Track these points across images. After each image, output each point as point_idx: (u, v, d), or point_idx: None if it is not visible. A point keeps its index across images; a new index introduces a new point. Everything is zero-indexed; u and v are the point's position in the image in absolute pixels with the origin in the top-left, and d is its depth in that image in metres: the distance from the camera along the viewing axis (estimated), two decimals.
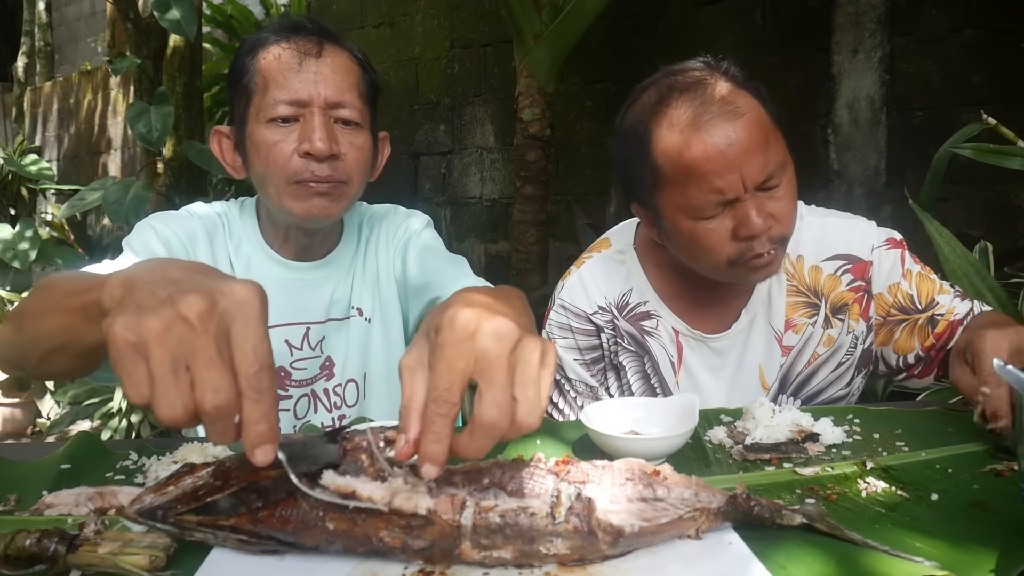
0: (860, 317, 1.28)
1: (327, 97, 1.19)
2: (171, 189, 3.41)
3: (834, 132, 2.85)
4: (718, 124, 1.10)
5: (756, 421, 0.99)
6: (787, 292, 1.29)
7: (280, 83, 1.19)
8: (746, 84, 1.16)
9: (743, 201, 1.11)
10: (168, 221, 1.30)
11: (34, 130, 8.44)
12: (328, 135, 1.18)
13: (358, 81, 1.25)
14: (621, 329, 1.32)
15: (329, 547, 0.69)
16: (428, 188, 4.65)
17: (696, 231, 1.15)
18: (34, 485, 0.89)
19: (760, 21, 3.05)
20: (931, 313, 1.26)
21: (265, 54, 1.22)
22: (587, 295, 1.32)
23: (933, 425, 1.02)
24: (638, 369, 1.33)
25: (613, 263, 1.34)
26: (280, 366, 1.31)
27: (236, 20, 4.53)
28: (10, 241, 3.57)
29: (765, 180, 1.11)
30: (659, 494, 0.71)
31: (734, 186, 1.10)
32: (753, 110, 1.13)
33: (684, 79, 1.15)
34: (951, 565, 0.66)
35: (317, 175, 1.19)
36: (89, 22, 8.86)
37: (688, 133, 1.11)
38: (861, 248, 1.28)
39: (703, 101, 1.12)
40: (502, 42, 4.02)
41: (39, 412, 4.49)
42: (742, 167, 1.09)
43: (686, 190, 1.13)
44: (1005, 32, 2.50)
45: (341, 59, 1.23)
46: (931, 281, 1.29)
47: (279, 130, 1.19)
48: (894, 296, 1.28)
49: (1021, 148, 1.71)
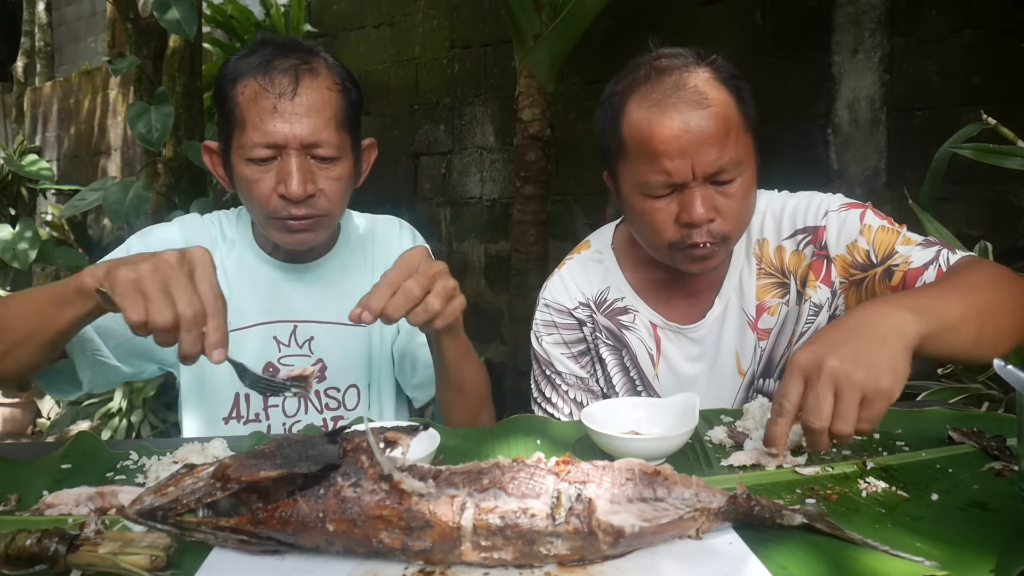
0: (821, 283, 1.26)
1: (302, 139, 1.21)
2: (171, 189, 3.41)
3: (834, 132, 2.85)
4: (681, 109, 1.13)
5: (756, 421, 0.99)
6: (757, 275, 1.31)
7: (256, 125, 1.20)
8: (728, 81, 1.18)
9: (691, 188, 1.14)
10: (149, 236, 1.34)
11: (34, 130, 8.43)
12: (303, 178, 1.21)
13: (335, 112, 1.25)
14: (600, 324, 1.36)
15: (329, 548, 0.69)
16: (428, 188, 4.65)
17: (645, 208, 1.19)
18: (34, 485, 0.89)
19: (760, 21, 3.04)
20: (887, 264, 1.20)
21: (243, 88, 1.22)
22: (568, 293, 1.37)
23: (933, 425, 1.02)
24: (617, 363, 1.36)
25: (591, 263, 1.39)
26: (268, 361, 1.34)
27: (236, 20, 4.52)
28: (10, 241, 3.57)
29: (716, 173, 1.14)
30: (659, 494, 0.71)
31: (682, 171, 1.13)
32: (722, 105, 1.14)
33: (668, 62, 1.18)
34: (951, 565, 0.66)
35: (295, 214, 1.23)
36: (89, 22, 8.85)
37: (653, 112, 1.14)
38: (815, 217, 1.27)
39: (675, 85, 1.14)
40: (502, 42, 4.01)
41: (39, 412, 4.49)
42: (694, 155, 1.12)
43: (640, 166, 1.16)
44: (1005, 32, 2.49)
45: (317, 94, 1.22)
46: (893, 233, 1.22)
47: (257, 168, 1.22)
48: (852, 255, 1.24)
49: (1021, 148, 1.71)
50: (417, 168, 4.70)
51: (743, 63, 1.21)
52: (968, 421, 1.02)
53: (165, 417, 3.51)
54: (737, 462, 0.92)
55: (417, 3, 4.54)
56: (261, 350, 1.33)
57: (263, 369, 1.33)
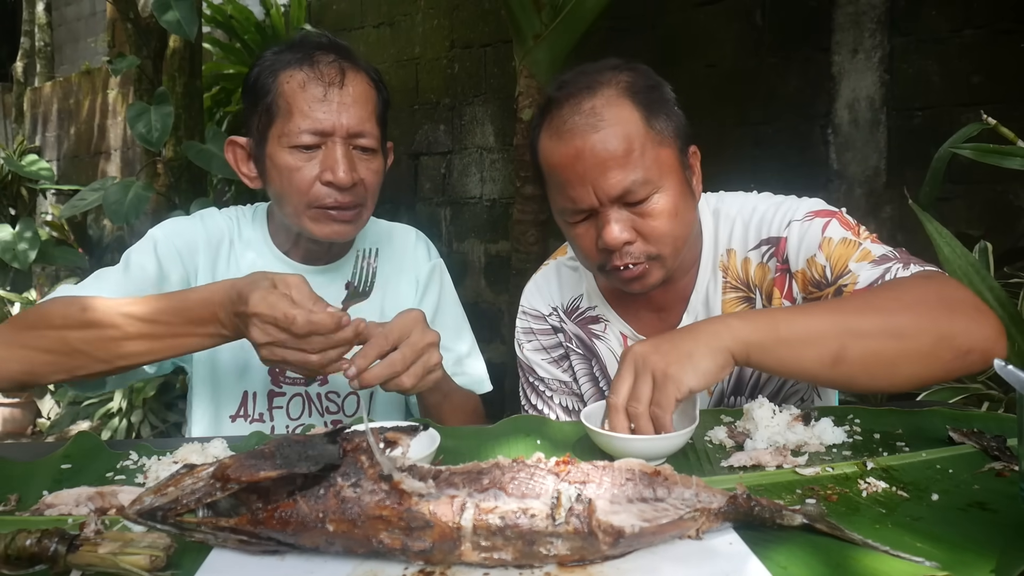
0: (784, 299, 1.19)
1: (349, 127, 1.23)
2: (171, 189, 3.41)
3: (834, 132, 2.85)
4: (576, 134, 1.10)
5: (756, 422, 0.99)
6: (723, 290, 1.25)
7: (304, 112, 1.22)
8: (637, 95, 1.12)
9: (602, 212, 1.11)
10: (173, 233, 1.33)
11: (34, 130, 8.43)
12: (349, 165, 1.23)
13: (375, 107, 1.28)
14: (570, 332, 1.35)
15: (329, 548, 0.69)
16: (428, 188, 4.65)
17: (570, 234, 1.18)
18: (34, 485, 0.89)
19: (760, 21, 3.05)
20: (838, 284, 1.11)
21: (288, 78, 1.23)
22: (542, 298, 1.37)
23: (933, 425, 1.02)
24: (586, 372, 1.35)
25: (565, 269, 1.38)
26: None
27: (236, 20, 4.52)
28: (10, 241, 3.56)
29: (622, 195, 1.10)
30: (659, 494, 0.71)
31: (586, 197, 1.10)
32: (622, 123, 1.10)
33: (574, 85, 1.14)
34: (951, 565, 0.66)
35: (339, 202, 1.24)
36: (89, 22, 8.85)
37: (554, 140, 1.13)
38: (779, 227, 1.19)
39: (571, 111, 1.11)
40: (502, 42, 4.01)
41: (39, 412, 4.49)
42: (595, 180, 1.09)
43: (555, 195, 1.16)
44: (1005, 32, 2.49)
45: (361, 87, 1.26)
46: (853, 246, 1.12)
47: (301, 156, 1.23)
48: (811, 270, 1.14)
49: (1021, 148, 1.71)
50: (417, 168, 4.70)
51: (743, 63, 1.20)
52: (968, 421, 1.01)
53: (165, 417, 3.51)
54: (737, 462, 0.91)
55: (417, 3, 4.54)
56: None
57: (269, 369, 1.33)
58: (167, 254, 1.30)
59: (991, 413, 1.06)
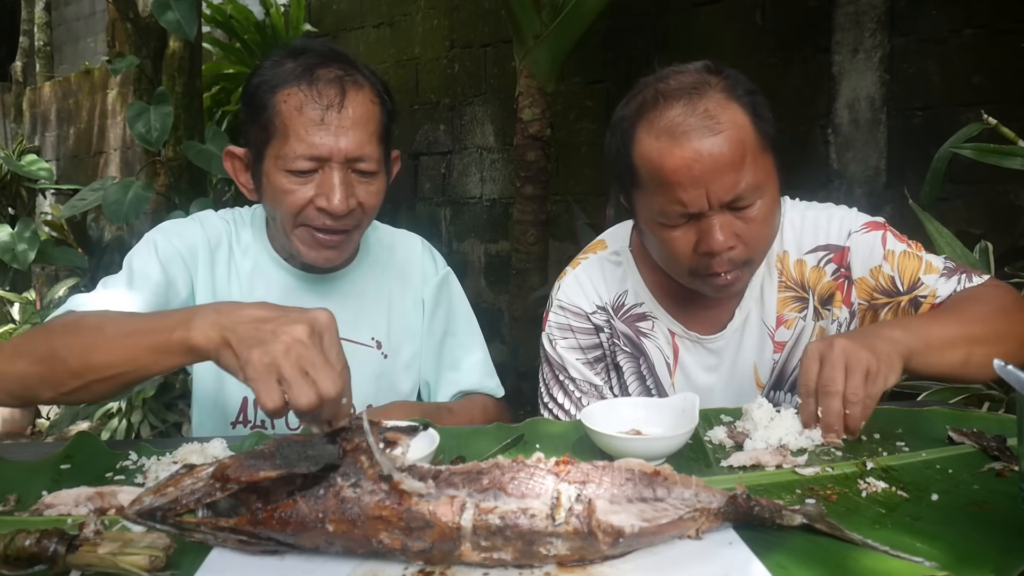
0: (843, 303, 1.27)
1: (348, 153, 1.18)
2: (171, 189, 3.41)
3: (834, 132, 2.85)
4: (692, 137, 1.08)
5: (755, 422, 0.99)
6: (778, 288, 1.29)
7: (300, 136, 1.16)
8: (742, 97, 1.12)
9: (708, 217, 1.11)
10: (172, 235, 1.31)
11: (34, 130, 8.43)
12: (346, 192, 1.18)
13: (377, 126, 1.22)
14: (617, 330, 1.32)
15: (329, 548, 0.69)
16: (428, 188, 4.65)
17: (663, 237, 1.16)
18: (34, 485, 0.89)
19: (760, 21, 3.04)
20: (914, 295, 1.23)
21: (286, 96, 1.18)
22: (585, 295, 1.33)
23: (933, 425, 1.02)
24: (634, 370, 1.33)
25: (609, 264, 1.35)
26: None
27: (236, 20, 4.52)
28: (9, 242, 3.56)
29: (733, 200, 1.10)
30: (659, 494, 0.71)
31: (698, 201, 1.09)
32: (736, 128, 1.09)
33: (676, 83, 1.13)
34: (951, 565, 0.66)
35: (330, 226, 1.20)
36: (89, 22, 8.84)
37: (663, 141, 1.10)
38: (838, 235, 1.27)
39: (684, 111, 1.09)
40: (502, 42, 4.01)
41: (39, 412, 4.48)
42: (709, 184, 1.08)
43: (655, 196, 1.13)
44: (1005, 32, 2.49)
45: (363, 107, 1.20)
46: (916, 259, 1.24)
47: (296, 179, 1.19)
48: (876, 279, 1.25)
49: (1021, 148, 1.71)
50: (417, 168, 4.70)
51: (743, 63, 1.20)
52: (968, 421, 1.02)
53: (165, 417, 3.50)
54: (737, 462, 0.91)
55: (417, 3, 4.54)
56: None
57: None
58: (169, 257, 1.28)
59: (991, 413, 1.06)
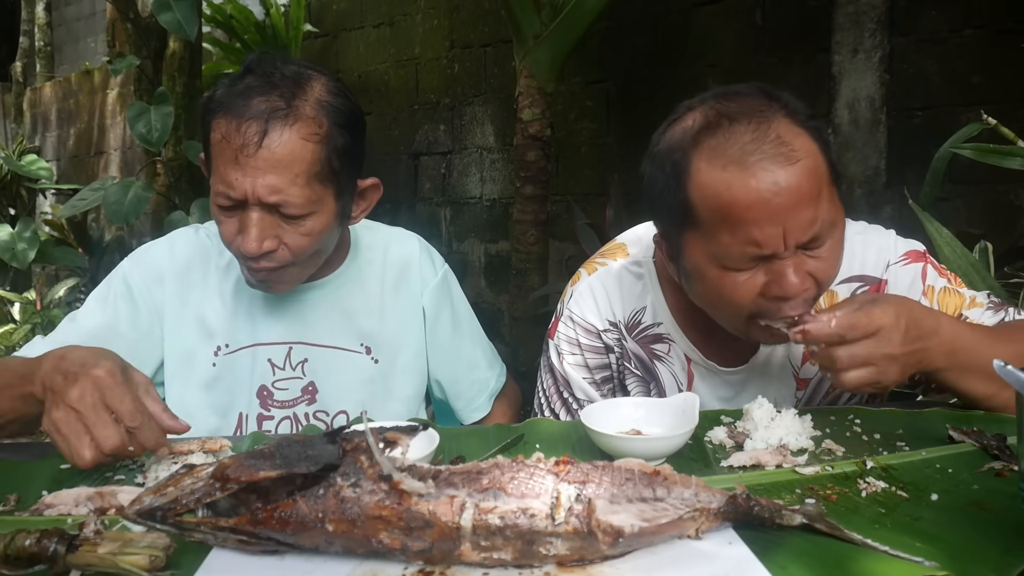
0: None
1: (261, 197, 1.09)
2: (171, 189, 3.41)
3: (834, 132, 2.85)
4: (767, 167, 0.94)
5: (755, 422, 0.99)
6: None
7: (220, 173, 1.11)
8: (807, 123, 1.00)
9: (781, 259, 0.98)
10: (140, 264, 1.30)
11: (34, 130, 8.43)
12: (260, 235, 1.11)
13: (309, 166, 1.11)
14: (629, 351, 1.23)
15: (329, 548, 0.69)
16: (428, 188, 4.65)
17: (722, 281, 1.01)
18: (34, 485, 0.89)
19: (760, 21, 3.04)
20: None
21: (216, 125, 1.11)
22: (598, 309, 1.23)
23: (933, 425, 1.02)
24: (643, 394, 1.25)
25: (629, 276, 1.24)
26: (262, 384, 1.30)
27: (236, 20, 4.52)
28: (9, 241, 3.56)
29: (810, 240, 0.97)
30: (659, 494, 0.71)
31: (773, 241, 0.96)
32: (811, 156, 0.97)
33: (737, 106, 0.99)
34: (951, 565, 0.66)
35: (251, 267, 1.16)
36: (89, 22, 8.85)
37: (731, 172, 0.95)
38: (875, 266, 1.18)
39: (755, 137, 0.96)
40: (502, 42, 4.01)
41: None
42: (786, 221, 0.95)
43: (719, 235, 0.98)
44: (1005, 32, 2.49)
45: (287, 147, 1.09)
46: (959, 296, 1.16)
47: (224, 213, 1.15)
48: None
49: (1021, 148, 1.71)
50: (417, 168, 4.70)
51: (743, 63, 1.19)
52: (968, 421, 1.01)
53: None
54: (737, 462, 0.91)
55: (417, 3, 4.54)
56: (257, 373, 1.30)
57: (257, 392, 1.30)
58: (136, 286, 1.28)
59: (991, 413, 1.05)
